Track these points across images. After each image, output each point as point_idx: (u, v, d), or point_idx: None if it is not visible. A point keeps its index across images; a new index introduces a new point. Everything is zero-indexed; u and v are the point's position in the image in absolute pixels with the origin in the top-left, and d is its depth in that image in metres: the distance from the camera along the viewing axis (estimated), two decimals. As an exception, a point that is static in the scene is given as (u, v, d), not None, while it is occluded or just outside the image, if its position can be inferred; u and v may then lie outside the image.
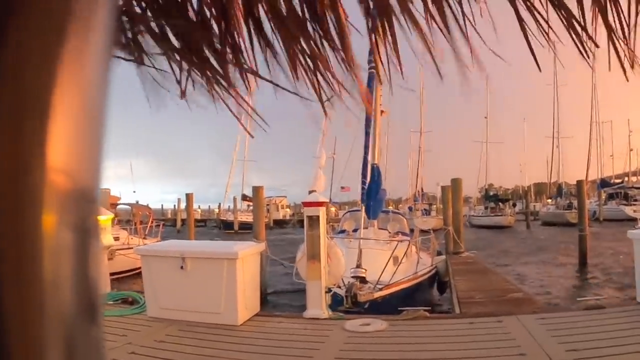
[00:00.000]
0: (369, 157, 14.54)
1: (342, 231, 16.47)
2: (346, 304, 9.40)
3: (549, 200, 72.88)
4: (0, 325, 0.47)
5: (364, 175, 14.05)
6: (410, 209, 59.76)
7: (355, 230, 15.25)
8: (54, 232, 0.50)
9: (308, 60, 2.02)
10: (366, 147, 14.43)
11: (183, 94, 2.06)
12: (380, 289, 10.20)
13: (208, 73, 2.04)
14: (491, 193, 73.17)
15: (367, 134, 14.66)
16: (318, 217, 8.78)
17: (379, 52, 2.03)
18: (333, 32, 1.92)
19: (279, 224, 65.86)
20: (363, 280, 10.24)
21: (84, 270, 0.55)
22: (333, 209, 57.65)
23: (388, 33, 1.93)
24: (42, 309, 0.50)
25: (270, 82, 2.02)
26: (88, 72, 0.54)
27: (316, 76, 2.07)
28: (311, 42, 1.96)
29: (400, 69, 2.09)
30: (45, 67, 0.49)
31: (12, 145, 0.47)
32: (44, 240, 0.49)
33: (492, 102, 69.18)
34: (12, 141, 0.47)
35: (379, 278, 10.51)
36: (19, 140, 0.48)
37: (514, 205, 65.65)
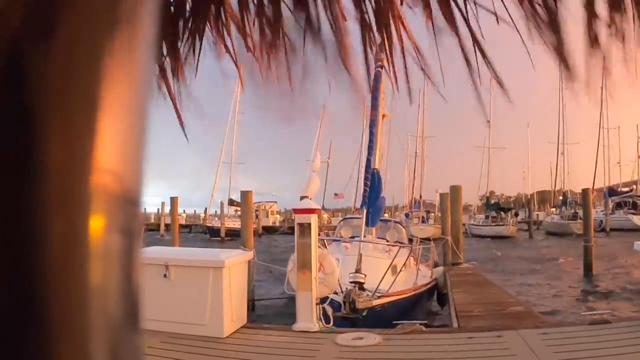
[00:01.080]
0: (372, 160, 14.41)
1: (338, 239, 16.49)
2: (344, 310, 9.41)
3: (553, 210, 72.86)
4: (46, 331, 0.47)
5: (367, 178, 14.01)
6: (407, 215, 59.76)
7: (352, 238, 15.28)
8: (101, 235, 0.51)
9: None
10: (370, 147, 14.42)
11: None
12: (379, 297, 10.25)
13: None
14: (492, 201, 73.19)
15: (371, 133, 14.66)
16: (309, 224, 8.77)
17: (388, 54, 2.03)
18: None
19: (269, 230, 65.77)
20: (361, 286, 10.26)
21: (129, 275, 0.56)
22: (325, 215, 57.73)
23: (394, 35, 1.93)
24: (89, 315, 0.51)
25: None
26: (135, 70, 0.55)
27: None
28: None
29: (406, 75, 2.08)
30: (94, 65, 0.51)
31: (60, 146, 0.48)
32: (91, 244, 0.50)
33: (495, 106, 68.87)
34: (59, 142, 0.48)
35: (378, 286, 10.56)
36: (66, 140, 0.49)
37: (516, 214, 65.51)
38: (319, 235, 9.94)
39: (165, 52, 1.99)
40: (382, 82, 13.81)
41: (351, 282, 10.28)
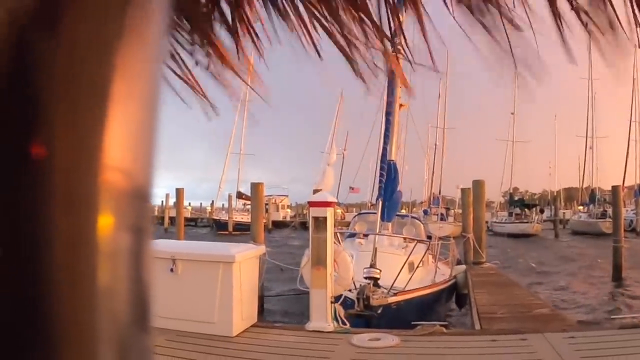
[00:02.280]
0: (388, 150, 14.43)
1: (352, 235, 16.43)
2: (357, 307, 9.41)
3: (581, 208, 72.30)
4: (53, 332, 0.48)
5: (382, 168, 13.95)
6: (425, 212, 59.36)
7: (366, 235, 15.20)
8: (110, 233, 0.51)
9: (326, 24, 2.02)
10: (386, 136, 14.41)
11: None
12: (395, 295, 10.24)
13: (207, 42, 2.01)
14: (516, 198, 72.84)
15: (387, 121, 14.68)
16: (325, 218, 8.77)
17: (403, 35, 2.03)
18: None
19: (279, 226, 65.76)
20: (376, 282, 10.26)
21: (138, 273, 0.56)
22: (339, 211, 57.58)
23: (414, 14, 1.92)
24: (97, 314, 0.51)
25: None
26: (146, 61, 0.56)
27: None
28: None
29: (431, 55, 2.07)
30: (102, 60, 0.51)
31: (68, 142, 0.49)
32: (100, 242, 0.51)
33: (520, 97, 68.36)
34: (67, 138, 0.49)
35: (394, 283, 10.56)
36: (75, 136, 0.49)
37: (542, 211, 65.19)
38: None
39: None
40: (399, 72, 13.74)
41: (365, 278, 10.30)
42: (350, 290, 9.76)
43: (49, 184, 0.48)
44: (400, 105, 16.50)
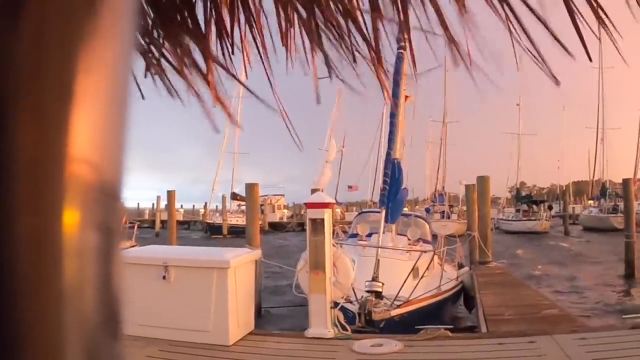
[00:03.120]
0: (392, 152, 14.26)
1: (354, 235, 16.33)
2: (359, 322, 9.40)
3: (591, 202, 72.13)
4: (16, 336, 0.47)
5: (386, 174, 13.80)
6: (427, 210, 59.15)
7: (369, 235, 15.10)
8: (76, 231, 0.50)
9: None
10: (390, 140, 14.30)
11: (148, 69, 2.05)
12: (398, 306, 10.20)
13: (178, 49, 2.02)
14: (523, 193, 72.87)
15: (392, 124, 14.55)
16: (323, 220, 8.78)
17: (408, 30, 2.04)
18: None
19: (276, 227, 65.66)
20: (379, 295, 10.25)
21: (107, 275, 0.55)
22: (339, 210, 57.59)
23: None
24: (62, 319, 0.50)
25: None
26: (115, 50, 0.55)
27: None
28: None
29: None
30: (67, 46, 0.50)
31: (30, 134, 0.48)
32: (64, 241, 0.49)
33: (525, 87, 68.31)
34: (29, 129, 0.48)
35: (398, 293, 10.51)
36: (37, 128, 0.48)
37: (550, 207, 64.98)
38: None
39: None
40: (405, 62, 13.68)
41: (367, 292, 10.25)
42: (351, 302, 9.75)
43: (9, 179, 0.47)
44: (406, 97, 16.39)
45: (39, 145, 0.48)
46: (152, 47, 2.01)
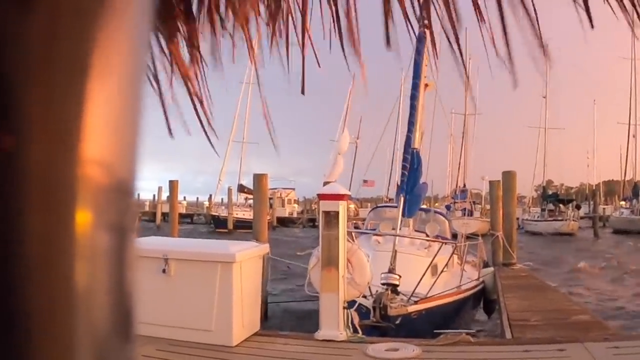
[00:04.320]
0: (412, 137, 14.11)
1: (368, 232, 16.29)
2: (373, 317, 9.32)
3: (623, 203, 71.97)
4: (28, 338, 0.47)
5: (405, 159, 13.75)
6: (448, 207, 59.19)
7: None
8: (88, 232, 0.51)
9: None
10: (410, 122, 14.21)
11: None
12: (416, 302, 10.14)
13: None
14: (550, 192, 72.78)
15: (412, 106, 14.42)
16: (337, 213, 8.69)
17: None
18: None
19: (285, 222, 65.92)
20: (395, 289, 10.15)
21: (120, 276, 0.56)
22: (352, 206, 57.59)
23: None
24: (74, 320, 0.51)
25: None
26: (129, 43, 0.56)
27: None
28: None
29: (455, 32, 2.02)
30: (80, 47, 0.50)
31: (42, 134, 0.48)
32: (77, 242, 0.50)
33: (553, 78, 68.05)
34: (41, 130, 0.48)
35: (415, 289, 10.42)
36: (49, 128, 0.49)
37: (578, 207, 65.05)
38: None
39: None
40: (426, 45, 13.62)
41: (383, 284, 10.18)
42: (365, 297, 9.67)
43: (21, 178, 0.47)
44: (426, 85, 16.27)
45: (50, 141, 0.49)
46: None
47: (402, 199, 13.19)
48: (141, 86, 0.59)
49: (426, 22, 2.13)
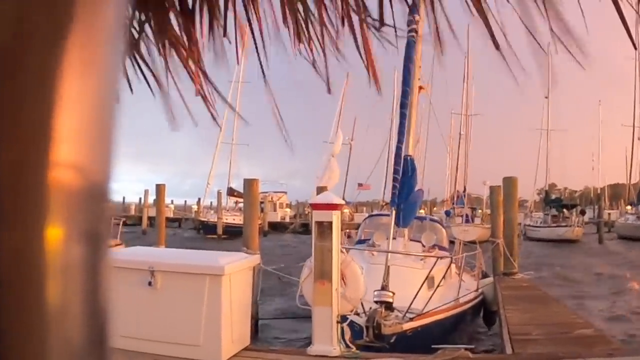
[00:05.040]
0: (403, 147, 14.05)
1: (362, 242, 16.26)
2: (366, 336, 9.29)
3: (629, 207, 71.96)
4: None
5: (395, 171, 13.70)
6: (447, 213, 59.19)
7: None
8: (60, 243, 0.49)
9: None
10: (400, 133, 14.08)
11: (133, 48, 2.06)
12: (411, 319, 10.08)
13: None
14: (553, 196, 72.78)
15: (402, 115, 14.23)
16: (331, 223, 8.69)
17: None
18: None
19: (276, 228, 65.78)
20: (389, 306, 10.11)
21: (95, 289, 0.55)
22: (347, 211, 57.47)
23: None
24: (46, 343, 0.49)
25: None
26: (100, 50, 0.54)
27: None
28: None
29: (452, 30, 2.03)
30: (51, 43, 0.49)
31: (8, 138, 0.47)
32: (48, 255, 0.48)
33: (555, 78, 67.89)
34: (7, 133, 0.47)
35: (410, 305, 10.37)
36: (16, 131, 0.47)
37: (583, 212, 64.99)
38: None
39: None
40: (418, 50, 13.63)
41: (376, 302, 10.14)
42: (358, 314, 9.64)
43: None
44: (420, 88, 16.22)
45: (16, 148, 0.47)
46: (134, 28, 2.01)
47: (394, 211, 13.14)
48: (116, 84, 0.58)
49: (415, 27, 2.17)
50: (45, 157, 0.48)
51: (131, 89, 2.11)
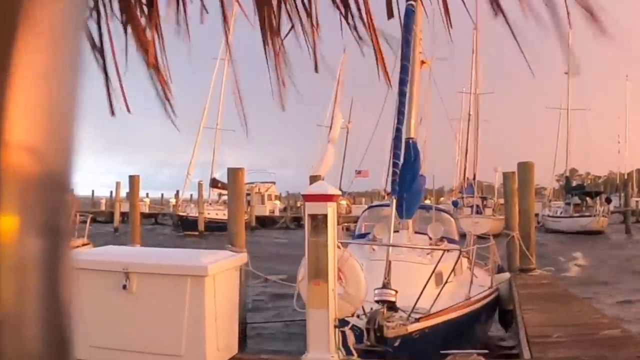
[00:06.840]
0: (404, 129, 14.05)
1: (361, 236, 16.19)
2: (367, 340, 9.27)
3: (658, 194, 72.07)
4: None
5: (396, 156, 13.63)
6: (455, 204, 58.76)
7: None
8: (14, 235, 0.49)
9: None
10: (400, 113, 13.98)
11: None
12: (417, 320, 10.02)
13: None
14: (574, 183, 72.75)
15: (401, 93, 14.11)
16: (325, 216, 8.65)
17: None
18: None
19: (265, 223, 65.70)
20: (392, 306, 10.10)
21: (55, 288, 0.54)
22: (344, 202, 57.32)
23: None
24: (1, 342, 0.49)
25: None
26: (57, 25, 0.53)
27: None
28: None
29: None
30: (5, 15, 0.48)
31: None
32: (2, 248, 0.48)
33: (577, 50, 67.83)
34: None
35: (415, 304, 10.28)
36: None
37: (609, 200, 64.81)
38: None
39: None
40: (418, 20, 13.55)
41: (377, 302, 10.05)
42: (358, 316, 9.62)
43: None
44: (422, 62, 16.07)
45: None
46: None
47: (394, 200, 13.09)
48: (78, 62, 0.57)
49: None
50: None
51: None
